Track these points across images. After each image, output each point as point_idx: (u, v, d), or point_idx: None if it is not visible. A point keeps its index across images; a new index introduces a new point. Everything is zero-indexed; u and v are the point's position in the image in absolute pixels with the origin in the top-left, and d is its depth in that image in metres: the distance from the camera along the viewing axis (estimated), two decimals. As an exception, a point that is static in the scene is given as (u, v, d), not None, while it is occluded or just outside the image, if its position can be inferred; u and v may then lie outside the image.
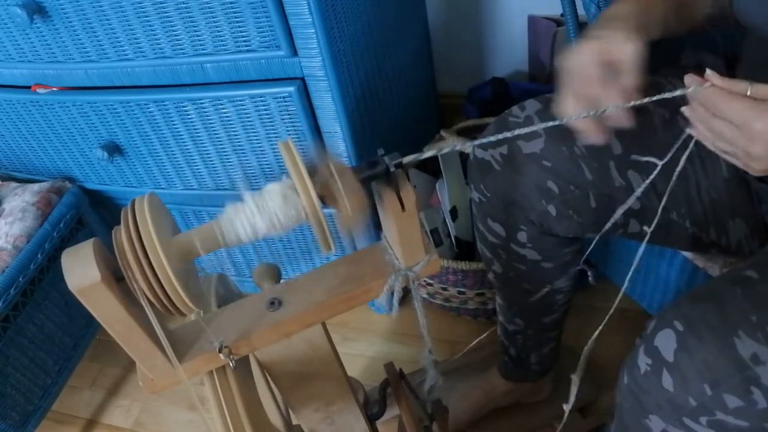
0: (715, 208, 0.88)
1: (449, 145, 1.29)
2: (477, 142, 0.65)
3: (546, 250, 0.95)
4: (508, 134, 0.64)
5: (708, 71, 0.62)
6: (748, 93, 0.60)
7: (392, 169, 0.55)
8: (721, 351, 0.60)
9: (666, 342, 0.64)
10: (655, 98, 0.64)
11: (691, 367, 0.62)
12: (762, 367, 0.59)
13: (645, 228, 0.89)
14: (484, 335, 1.11)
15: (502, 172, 0.88)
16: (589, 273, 1.05)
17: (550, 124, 0.65)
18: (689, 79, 0.63)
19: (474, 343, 1.10)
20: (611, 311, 0.71)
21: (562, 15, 1.11)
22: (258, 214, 0.52)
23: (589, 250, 0.88)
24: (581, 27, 1.09)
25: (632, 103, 0.65)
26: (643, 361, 0.66)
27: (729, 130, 0.62)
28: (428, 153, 0.61)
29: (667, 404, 0.64)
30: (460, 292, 1.38)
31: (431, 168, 1.43)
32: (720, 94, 0.61)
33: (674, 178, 0.71)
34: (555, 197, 0.86)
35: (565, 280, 1.02)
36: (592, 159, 0.85)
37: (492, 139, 0.65)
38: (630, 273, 0.75)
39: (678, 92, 0.63)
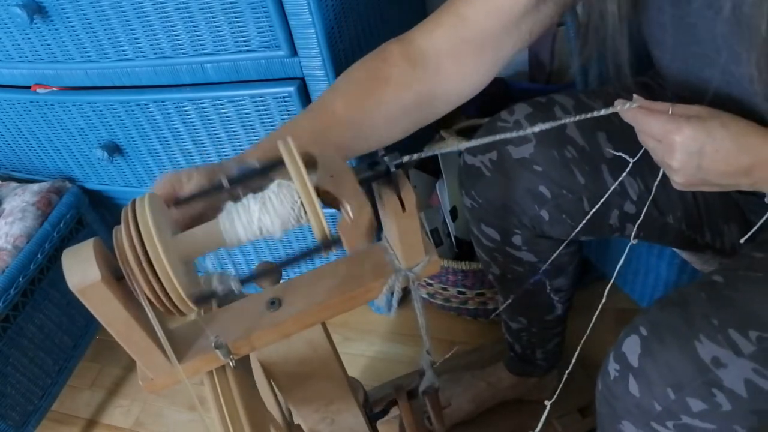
0: (710, 213, 0.88)
1: (449, 145, 1.29)
2: (467, 144, 0.65)
3: (542, 252, 0.95)
4: (498, 136, 0.65)
5: (635, 95, 0.65)
6: (670, 112, 0.63)
7: (392, 169, 0.55)
8: (683, 355, 0.61)
9: (631, 347, 0.65)
10: (586, 116, 0.65)
11: (655, 372, 0.63)
12: (723, 369, 0.59)
13: (642, 233, 0.90)
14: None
15: (492, 177, 0.88)
16: (555, 300, 1.05)
17: (538, 128, 0.65)
18: (619, 102, 0.66)
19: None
20: (599, 308, 0.72)
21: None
22: (258, 214, 0.52)
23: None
24: (581, 27, 1.09)
25: (571, 119, 0.67)
26: (612, 368, 0.68)
27: (652, 144, 0.65)
28: (428, 152, 0.61)
29: (635, 409, 0.65)
30: (460, 292, 1.38)
31: (431, 168, 1.43)
32: (643, 112, 0.64)
33: (659, 177, 0.72)
34: (547, 202, 0.86)
35: (564, 278, 1.02)
36: (584, 163, 0.85)
37: (482, 141, 0.65)
38: (618, 266, 0.76)
39: (608, 110, 0.65)
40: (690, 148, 0.61)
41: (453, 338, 1.46)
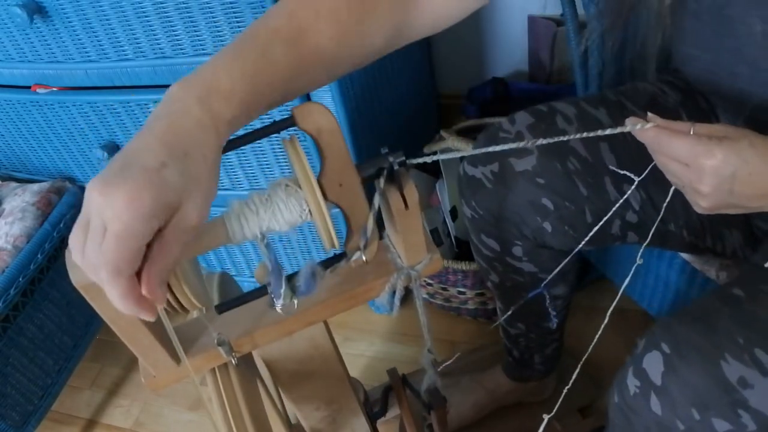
0: (712, 219, 0.88)
1: (449, 144, 1.30)
2: (469, 152, 0.64)
3: (543, 263, 0.94)
4: (500, 147, 0.62)
5: (649, 114, 0.61)
6: (691, 132, 0.59)
7: (396, 167, 0.55)
8: (709, 374, 0.60)
9: (653, 364, 0.64)
10: (593, 134, 0.61)
11: (679, 391, 0.62)
12: (750, 390, 0.58)
13: (643, 241, 0.89)
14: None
15: (493, 189, 0.87)
16: (553, 315, 1.04)
17: (542, 141, 0.61)
18: (631, 120, 0.62)
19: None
20: (608, 313, 0.71)
21: (562, 15, 1.11)
22: (267, 222, 0.53)
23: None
24: (581, 27, 1.09)
25: (577, 136, 0.62)
26: (632, 383, 0.66)
27: (676, 167, 0.61)
28: (441, 155, 0.60)
29: (655, 427, 0.64)
30: (460, 292, 1.38)
31: (431, 168, 1.43)
32: (665, 133, 0.60)
33: (669, 196, 0.69)
34: (550, 214, 0.86)
35: (564, 286, 1.02)
36: (587, 174, 0.84)
37: (484, 150, 0.63)
38: (630, 275, 0.74)
39: (616, 130, 0.61)
40: (723, 173, 0.58)
41: (453, 338, 1.46)
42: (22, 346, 1.25)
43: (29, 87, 1.19)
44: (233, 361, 0.63)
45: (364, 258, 0.55)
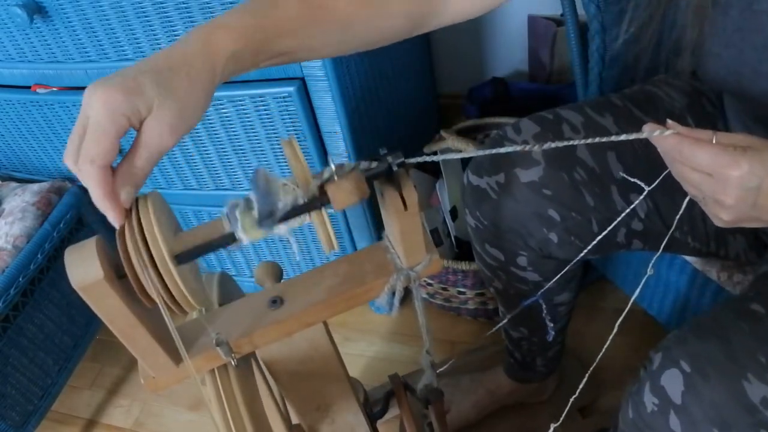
0: (718, 227, 0.87)
1: (449, 144, 1.30)
2: (470, 153, 0.64)
3: (547, 272, 0.93)
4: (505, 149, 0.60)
5: (669, 121, 0.58)
6: (714, 141, 0.56)
7: (395, 168, 0.55)
8: (730, 394, 0.59)
9: (672, 382, 0.63)
10: (606, 139, 0.59)
11: (699, 410, 0.61)
12: None
13: (647, 246, 0.88)
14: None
15: (499, 200, 0.86)
16: (550, 327, 1.04)
17: (548, 145, 0.59)
18: (649, 127, 0.58)
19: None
20: (618, 322, 0.70)
21: (562, 15, 1.11)
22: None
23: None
24: (581, 27, 1.09)
25: (588, 140, 0.59)
26: (650, 400, 0.65)
27: (697, 177, 0.58)
28: (441, 156, 0.60)
29: None
30: (460, 292, 1.38)
31: (431, 168, 1.43)
32: (688, 141, 0.56)
33: (683, 206, 0.66)
34: (556, 225, 0.85)
35: (568, 293, 1.02)
36: (594, 184, 0.83)
37: (487, 152, 0.62)
38: (640, 286, 0.73)
39: (634, 136, 0.58)
40: (749, 184, 0.55)
41: (453, 338, 1.46)
42: (22, 346, 1.25)
43: (29, 87, 1.19)
44: (233, 362, 0.63)
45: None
